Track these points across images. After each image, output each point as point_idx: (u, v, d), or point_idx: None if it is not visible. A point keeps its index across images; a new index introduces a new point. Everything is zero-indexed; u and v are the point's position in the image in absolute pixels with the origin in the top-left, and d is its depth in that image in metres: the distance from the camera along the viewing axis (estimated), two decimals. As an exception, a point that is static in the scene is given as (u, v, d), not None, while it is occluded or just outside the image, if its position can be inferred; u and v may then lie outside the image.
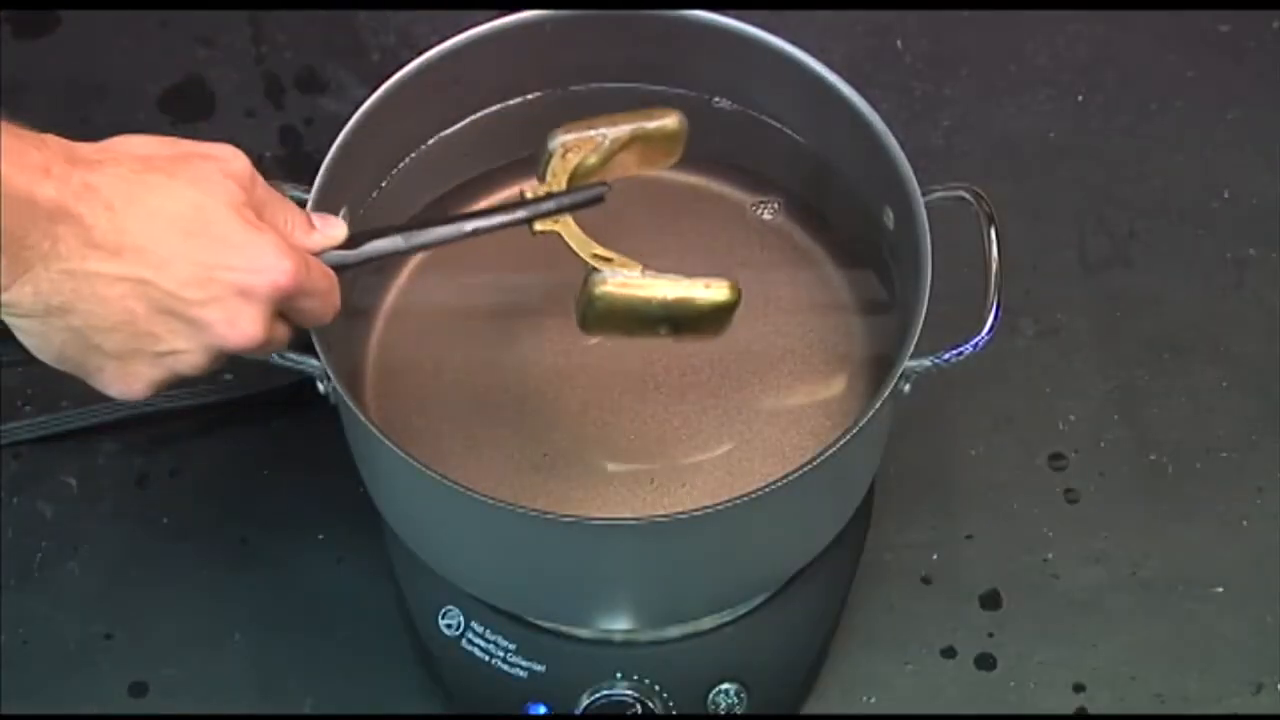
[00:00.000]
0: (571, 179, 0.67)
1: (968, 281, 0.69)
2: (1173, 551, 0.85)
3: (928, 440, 0.87)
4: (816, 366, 0.75)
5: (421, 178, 0.78)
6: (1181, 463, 0.87)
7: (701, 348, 0.73)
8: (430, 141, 0.79)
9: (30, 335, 0.57)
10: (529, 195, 0.67)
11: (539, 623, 0.75)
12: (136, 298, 0.57)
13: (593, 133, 0.68)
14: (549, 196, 0.66)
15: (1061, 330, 0.92)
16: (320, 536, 0.84)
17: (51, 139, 0.56)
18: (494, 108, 0.79)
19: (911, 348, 0.66)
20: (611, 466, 0.72)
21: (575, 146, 0.67)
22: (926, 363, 0.67)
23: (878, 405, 0.66)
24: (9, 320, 0.57)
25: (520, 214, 0.66)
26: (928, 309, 0.67)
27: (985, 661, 0.82)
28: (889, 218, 0.74)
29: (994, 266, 0.69)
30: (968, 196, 0.72)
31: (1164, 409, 0.89)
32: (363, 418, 0.66)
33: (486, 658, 0.75)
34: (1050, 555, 0.85)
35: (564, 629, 0.75)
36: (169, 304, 0.57)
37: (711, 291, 0.66)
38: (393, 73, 0.74)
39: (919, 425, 0.85)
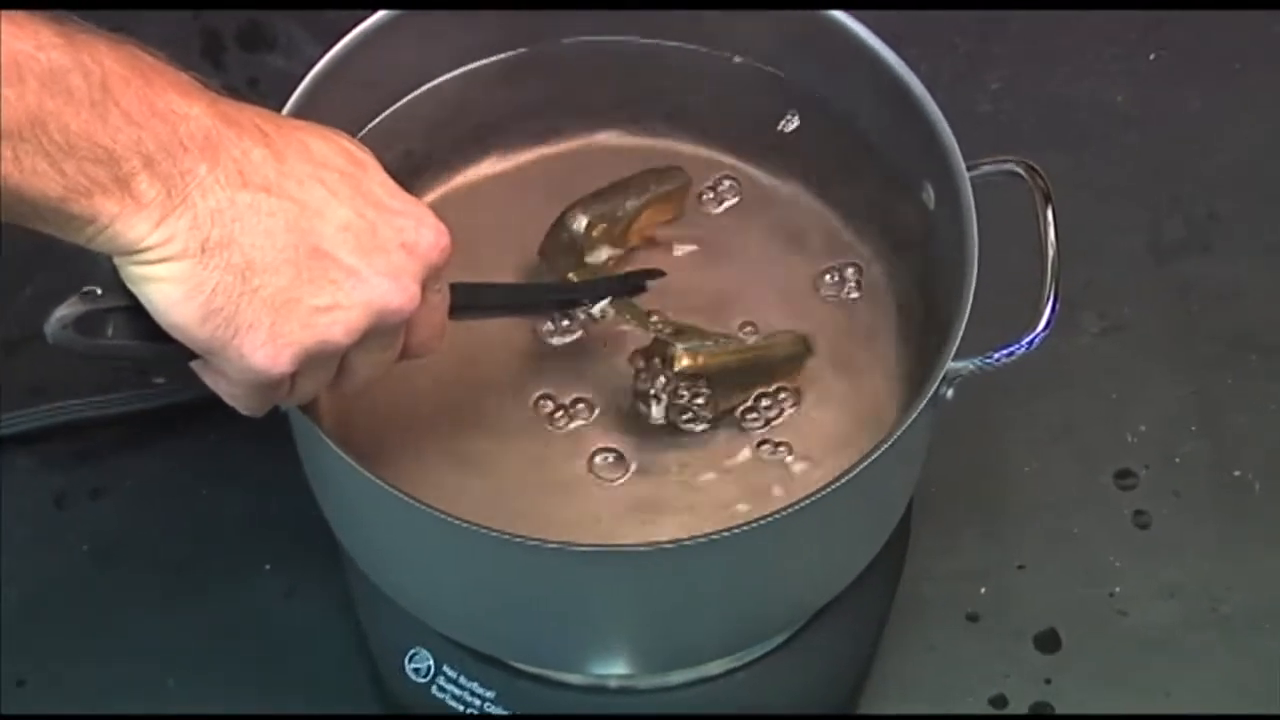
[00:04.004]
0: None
1: (1020, 270, 0.69)
2: (1258, 583, 0.85)
3: (974, 454, 0.87)
4: (844, 369, 0.76)
5: (384, 146, 0.78)
6: (1268, 480, 0.87)
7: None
8: (395, 106, 0.79)
9: (178, 284, 0.57)
10: (574, 279, 0.75)
11: (521, 667, 0.75)
12: (299, 234, 0.58)
13: (609, 206, 0.77)
14: (605, 281, 0.75)
15: (1129, 327, 0.92)
16: (267, 566, 0.84)
17: None
18: (468, 66, 0.80)
19: (955, 347, 0.67)
20: (607, 484, 0.72)
21: (596, 223, 0.76)
22: (972, 364, 0.68)
23: (915, 414, 0.66)
24: (148, 273, 0.56)
25: (585, 298, 0.75)
26: (974, 302, 0.67)
27: (1041, 711, 0.82)
28: (929, 196, 0.75)
29: (1050, 253, 0.69)
30: (1020, 171, 0.72)
31: (1248, 418, 0.89)
32: (317, 429, 0.66)
33: (460, 707, 0.75)
34: (1117, 588, 0.85)
35: (550, 674, 0.75)
36: (330, 246, 0.59)
37: (783, 347, 0.74)
38: (351, 27, 0.74)
39: (964, 437, 0.86)
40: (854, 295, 0.77)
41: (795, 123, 0.80)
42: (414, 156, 0.80)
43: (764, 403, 0.74)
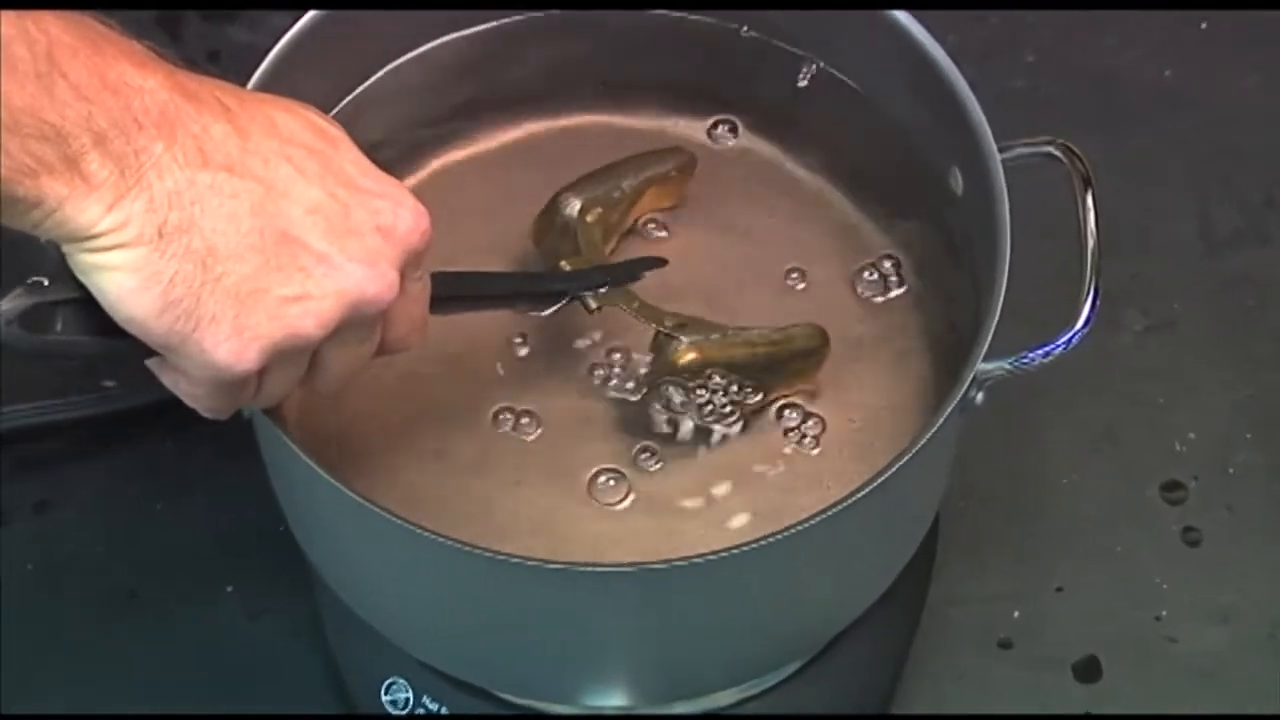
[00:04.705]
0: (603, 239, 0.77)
1: (1057, 262, 0.69)
2: (1320, 607, 0.85)
3: (1007, 464, 0.87)
4: (864, 372, 0.76)
5: (359, 123, 0.78)
6: (1331, 494, 0.88)
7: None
8: (372, 80, 0.79)
9: (133, 273, 0.57)
10: (568, 268, 0.75)
11: (508, 698, 0.75)
12: (264, 217, 0.58)
13: (605, 188, 0.77)
14: (601, 270, 0.75)
15: (1178, 324, 0.92)
16: (229, 588, 0.84)
17: None
18: (451, 36, 0.80)
19: (985, 347, 0.67)
20: (603, 498, 0.73)
21: (591, 207, 0.76)
22: (1004, 366, 0.68)
23: (941, 420, 0.66)
24: (100, 261, 0.56)
25: (578, 289, 0.74)
26: (1006, 297, 0.67)
27: (1080, 747, 0.82)
28: (956, 181, 0.75)
29: (1091, 243, 0.70)
30: (1057, 154, 0.72)
31: (1309, 425, 0.90)
32: (284, 435, 0.66)
33: (442, 742, 0.75)
34: (1164, 612, 0.85)
35: (541, 706, 0.75)
36: (299, 230, 0.59)
37: (798, 341, 0.74)
38: (323, -5, 0.74)
39: (995, 445, 0.86)
40: (875, 290, 0.78)
41: (813, 72, 0.80)
42: (391, 134, 0.80)
43: (776, 409, 0.74)
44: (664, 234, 0.79)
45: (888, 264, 0.78)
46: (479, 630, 0.71)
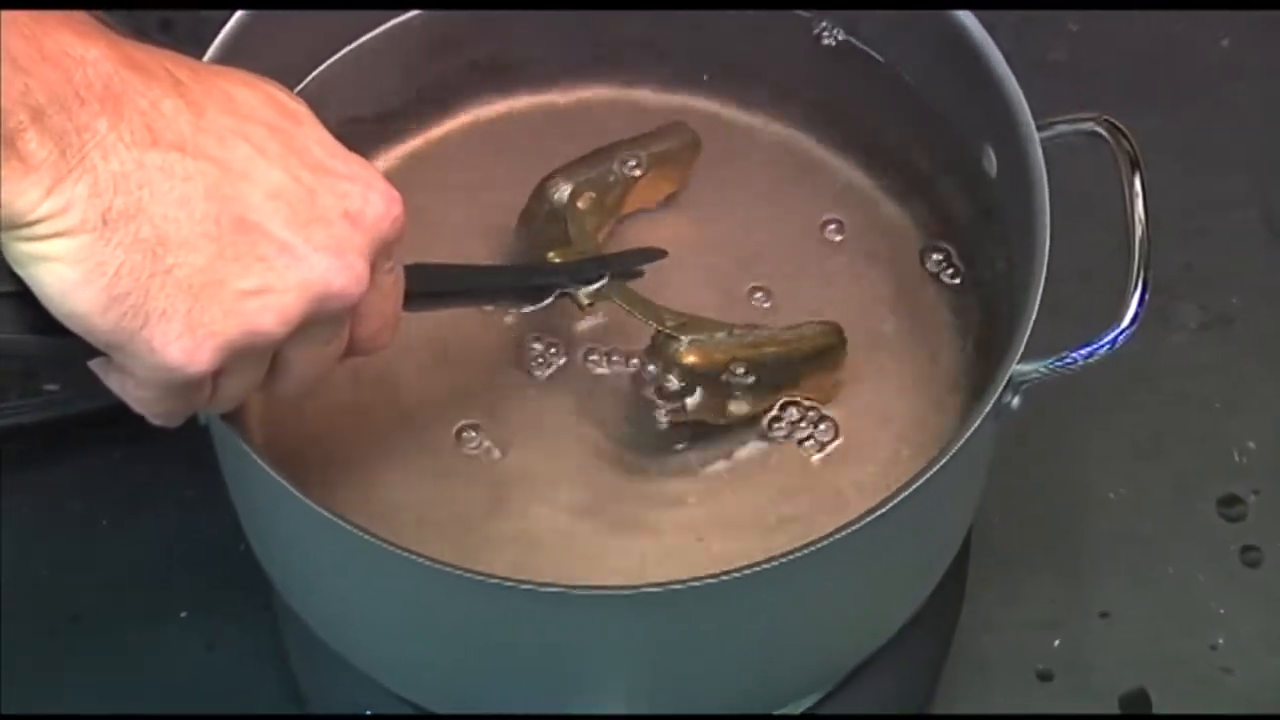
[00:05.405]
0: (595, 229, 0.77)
1: (1102, 252, 0.69)
2: (1393, 635, 0.85)
3: (1046, 476, 0.87)
4: (889, 374, 0.76)
5: (326, 101, 0.78)
6: (1406, 509, 0.88)
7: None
8: (341, 53, 0.79)
9: (75, 264, 0.56)
10: (556, 260, 0.75)
11: (493, 735, 0.76)
12: (220, 201, 0.58)
13: (598, 171, 0.78)
14: (593, 262, 0.75)
15: (1236, 320, 0.92)
16: (183, 614, 0.84)
17: None
18: (421, 10, 0.80)
19: (1022, 346, 0.67)
20: (598, 513, 0.73)
21: (583, 192, 0.77)
22: (1043, 367, 0.68)
23: (973, 428, 0.66)
24: (38, 251, 0.56)
25: (569, 283, 0.75)
26: (1045, 291, 0.67)
27: (1128, 790, 0.82)
28: (990, 162, 0.75)
29: (1139, 231, 0.70)
30: (1102, 132, 0.72)
31: (1381, 433, 0.90)
32: (244, 443, 0.66)
33: (419, 784, 0.75)
34: (1220, 640, 0.85)
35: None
36: (258, 216, 0.59)
37: (811, 341, 0.75)
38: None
39: (1034, 455, 0.86)
40: (901, 283, 0.78)
41: (836, 37, 0.80)
42: (360, 111, 0.80)
43: (790, 413, 0.74)
44: (667, 215, 0.79)
45: (915, 255, 0.78)
46: (460, 659, 0.71)
